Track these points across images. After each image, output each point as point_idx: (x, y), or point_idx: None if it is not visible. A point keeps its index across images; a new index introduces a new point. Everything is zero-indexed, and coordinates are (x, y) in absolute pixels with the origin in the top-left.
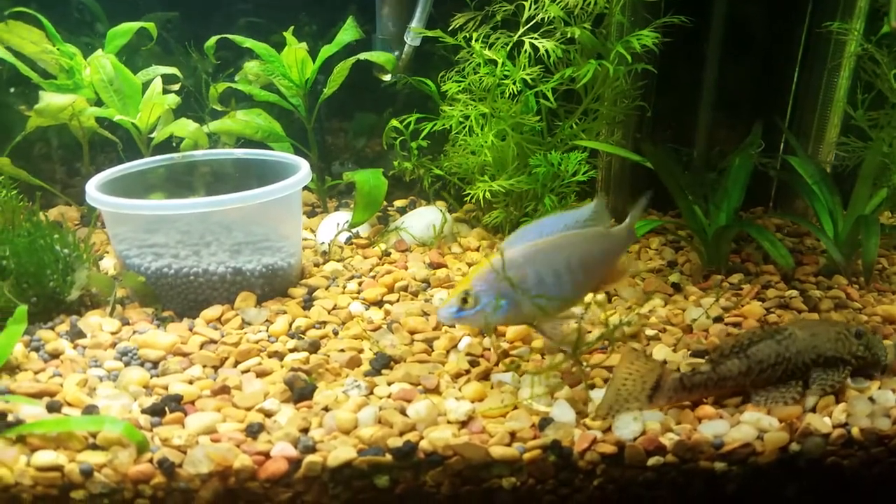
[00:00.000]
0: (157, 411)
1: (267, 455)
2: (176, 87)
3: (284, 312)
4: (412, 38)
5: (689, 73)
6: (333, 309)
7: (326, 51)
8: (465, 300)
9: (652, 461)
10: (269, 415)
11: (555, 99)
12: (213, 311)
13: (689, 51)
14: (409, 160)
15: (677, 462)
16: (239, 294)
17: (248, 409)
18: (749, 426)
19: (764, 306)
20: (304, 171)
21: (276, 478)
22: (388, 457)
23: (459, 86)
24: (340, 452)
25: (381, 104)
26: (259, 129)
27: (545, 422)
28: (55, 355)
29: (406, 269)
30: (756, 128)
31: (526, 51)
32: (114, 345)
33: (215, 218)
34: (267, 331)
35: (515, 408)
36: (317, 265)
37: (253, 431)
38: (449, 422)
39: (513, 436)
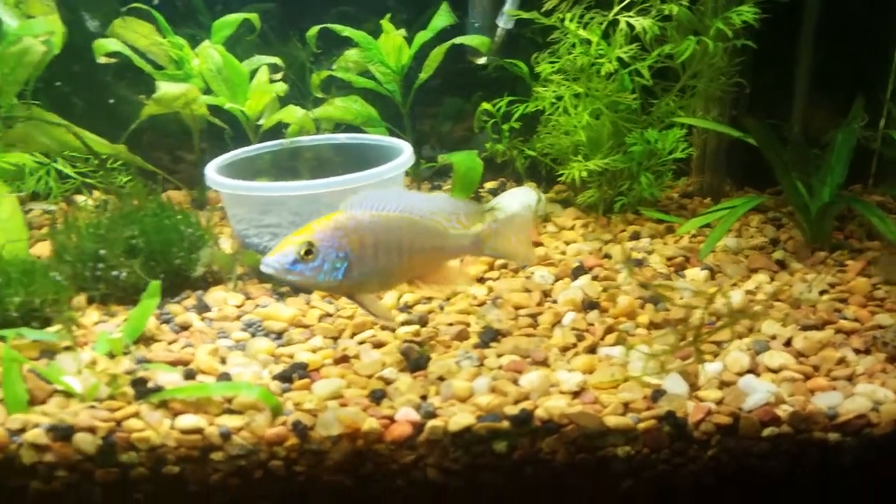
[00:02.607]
0: (285, 378)
1: (392, 419)
2: (278, 76)
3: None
4: (506, 21)
5: (787, 47)
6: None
7: (421, 37)
8: (308, 252)
9: (767, 432)
10: (388, 382)
11: (650, 76)
12: None
13: (786, 25)
14: (501, 142)
15: (792, 433)
16: None
17: (369, 377)
18: (863, 398)
19: (870, 282)
20: (407, 153)
21: (401, 440)
22: (506, 423)
23: (553, 66)
24: (460, 418)
25: (468, 88)
26: (358, 114)
27: (658, 394)
28: (185, 327)
29: None
30: (858, 102)
31: (622, 29)
32: (239, 317)
33: (324, 199)
34: None
35: (626, 380)
36: None
37: (376, 397)
38: (561, 392)
39: (626, 406)
